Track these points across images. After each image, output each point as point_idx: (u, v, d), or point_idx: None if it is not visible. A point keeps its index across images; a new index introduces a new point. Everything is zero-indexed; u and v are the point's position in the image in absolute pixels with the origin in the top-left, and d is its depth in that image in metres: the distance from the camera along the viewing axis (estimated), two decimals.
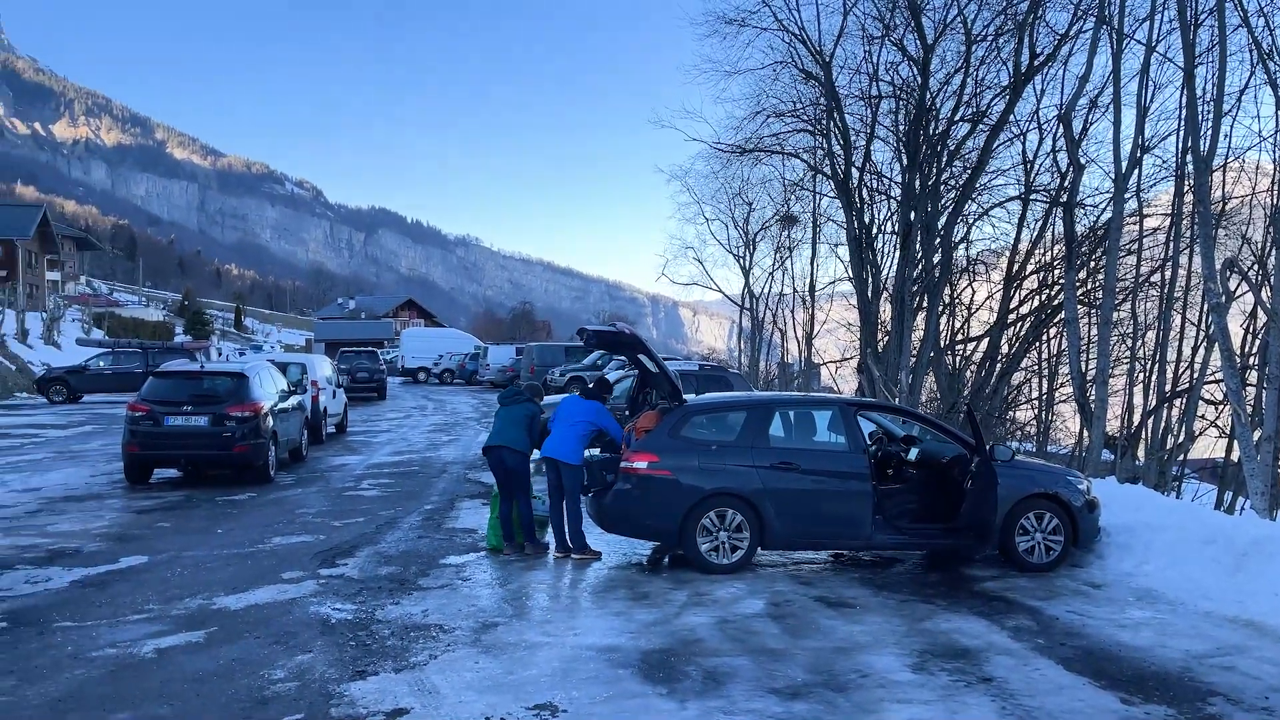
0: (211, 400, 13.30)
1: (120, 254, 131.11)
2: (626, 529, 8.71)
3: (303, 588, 7.73)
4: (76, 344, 40.57)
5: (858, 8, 21.71)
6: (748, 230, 37.85)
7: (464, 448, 18.81)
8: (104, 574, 8.16)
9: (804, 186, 30.75)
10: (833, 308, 35.15)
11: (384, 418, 26.37)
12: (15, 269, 54.86)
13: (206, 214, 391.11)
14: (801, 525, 8.46)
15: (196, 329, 70.16)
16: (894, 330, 22.14)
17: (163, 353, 31.84)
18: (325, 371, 20.64)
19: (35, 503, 11.77)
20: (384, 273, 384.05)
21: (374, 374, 34.62)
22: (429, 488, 13.56)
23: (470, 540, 9.78)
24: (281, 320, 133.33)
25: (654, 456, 8.35)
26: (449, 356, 49.48)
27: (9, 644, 6.20)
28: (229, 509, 11.55)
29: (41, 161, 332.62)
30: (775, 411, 9.01)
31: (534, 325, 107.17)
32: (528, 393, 9.61)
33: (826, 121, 23.31)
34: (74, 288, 75.63)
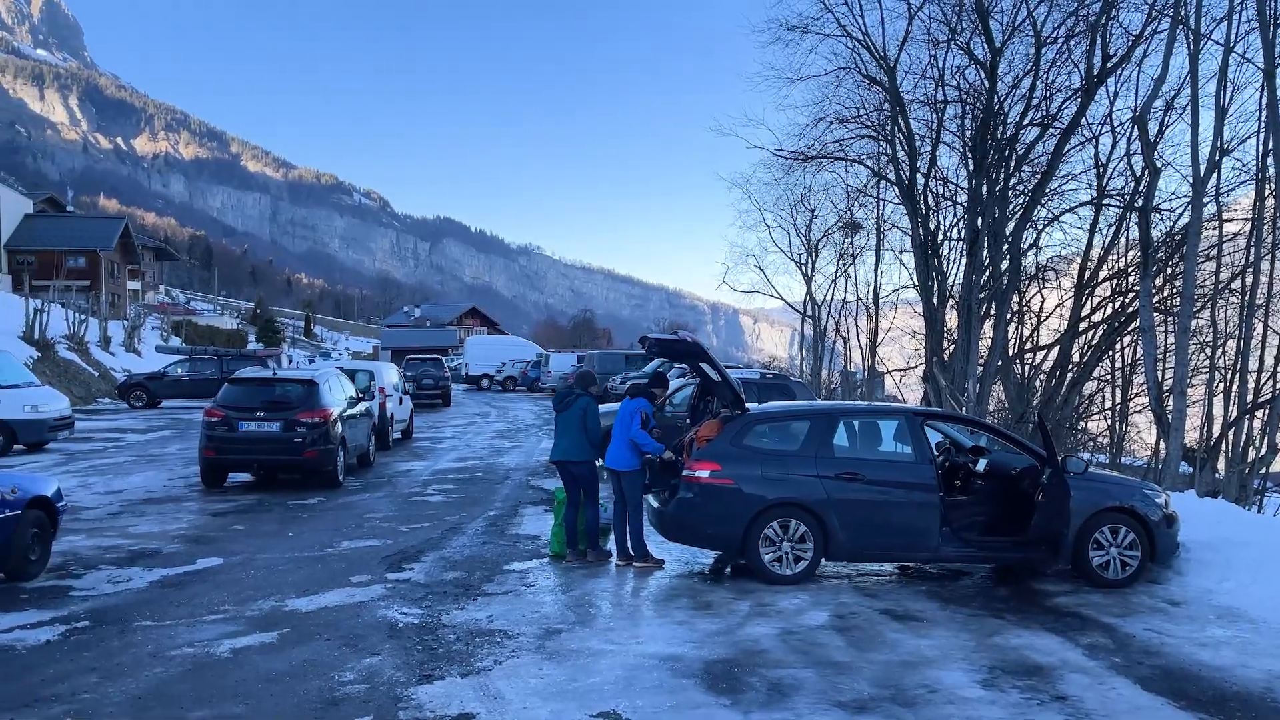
0: (283, 406, 13.63)
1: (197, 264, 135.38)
2: (688, 538, 8.69)
3: (370, 591, 7.88)
4: (156, 351, 42.03)
5: (923, 12, 21.45)
6: (810, 237, 37.62)
7: (526, 454, 18.97)
8: (182, 575, 8.42)
9: (867, 193, 30.44)
10: (897, 315, 34.66)
11: (448, 424, 26.74)
12: (98, 279, 57.00)
13: (278, 224, 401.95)
14: (867, 536, 8.35)
15: (268, 336, 72.03)
16: (960, 338, 21.75)
17: (236, 360, 32.80)
18: (392, 378, 21.01)
19: (117, 505, 12.20)
20: (448, 281, 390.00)
21: (439, 381, 35.14)
22: (492, 494, 13.71)
23: (533, 547, 9.86)
24: (349, 328, 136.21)
25: (716, 465, 8.32)
26: (511, 364, 50.03)
27: (92, 642, 6.44)
28: (299, 513, 11.82)
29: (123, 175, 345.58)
30: (840, 421, 8.91)
31: (595, 333, 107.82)
32: (578, 386, 9.49)
33: (891, 127, 23.05)
34: (153, 296, 78.29)
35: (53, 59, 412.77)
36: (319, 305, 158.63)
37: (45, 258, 55.05)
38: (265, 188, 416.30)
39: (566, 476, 9.23)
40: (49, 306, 34.22)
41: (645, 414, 8.84)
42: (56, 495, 8.63)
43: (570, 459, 9.15)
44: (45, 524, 8.36)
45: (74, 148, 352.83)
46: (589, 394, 9.38)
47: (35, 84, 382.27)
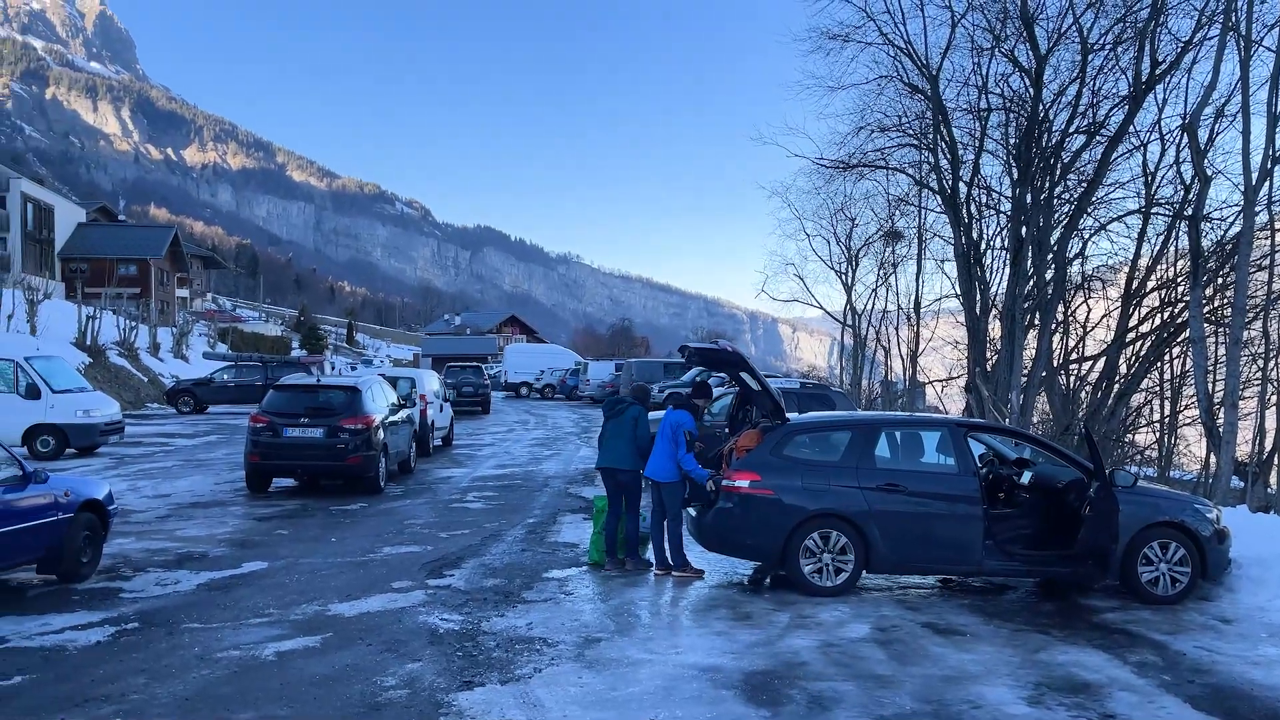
0: (327, 413, 13.81)
1: (243, 272, 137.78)
2: (727, 548, 8.66)
3: (411, 597, 7.95)
4: (203, 357, 42.79)
5: (966, 19, 21.27)
6: (850, 246, 37.40)
7: (565, 462, 19.04)
8: (227, 578, 8.56)
9: (909, 202, 30.25)
10: (938, 325, 34.34)
11: (488, 431, 26.92)
12: (149, 286, 58.29)
13: (322, 233, 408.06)
14: (908, 549, 8.26)
15: (311, 344, 73.07)
16: (1004, 349, 21.47)
17: (281, 366, 33.30)
18: (433, 386, 21.21)
19: (165, 508, 12.44)
20: (488, 289, 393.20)
21: (479, 389, 35.41)
22: (531, 501, 13.77)
23: (572, 555, 9.88)
24: (391, 335, 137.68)
25: (756, 475, 8.29)
26: (550, 372, 50.28)
27: (141, 643, 6.56)
28: (342, 518, 11.97)
29: (173, 185, 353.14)
30: (881, 431, 8.84)
31: (633, 341, 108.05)
32: (630, 396, 9.58)
33: (933, 135, 22.86)
34: (201, 304, 79.84)
35: (106, 72, 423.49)
36: (361, 313, 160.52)
37: (97, 266, 56.40)
38: (310, 197, 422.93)
39: (611, 484, 9.26)
40: (101, 313, 35.05)
41: (690, 434, 8.79)
42: (108, 498, 8.82)
43: (619, 466, 9.19)
44: (97, 527, 8.55)
45: (126, 158, 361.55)
46: (639, 405, 9.40)
47: (89, 96, 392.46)
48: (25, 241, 51.37)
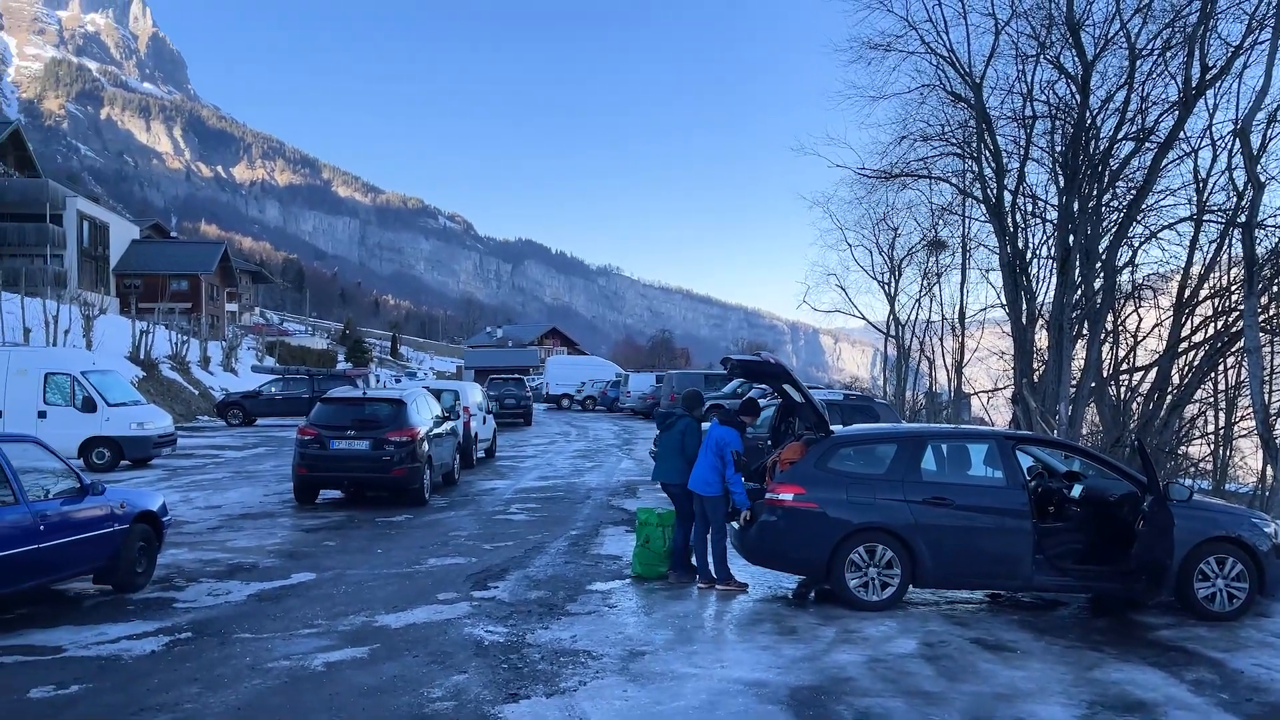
0: (372, 425, 13.97)
1: (289, 286, 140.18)
2: (771, 561, 8.60)
3: (457, 609, 8.00)
4: (251, 370, 43.61)
5: (1010, 26, 21.07)
6: (893, 256, 37.09)
7: (606, 474, 19.07)
8: (277, 589, 8.69)
9: (952, 211, 29.93)
10: (983, 335, 33.85)
11: (530, 443, 27.06)
12: (199, 301, 59.52)
13: (366, 247, 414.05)
14: (956, 563, 8.14)
15: (356, 356, 74.07)
16: (1051, 359, 21.13)
17: (327, 379, 33.82)
18: (476, 398, 21.38)
19: (216, 519, 12.67)
20: (529, 302, 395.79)
21: (521, 400, 35.61)
22: (574, 513, 13.80)
23: (615, 567, 9.89)
24: (434, 348, 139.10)
25: (800, 488, 8.23)
26: (591, 384, 50.43)
27: (194, 652, 6.69)
28: (387, 530, 12.09)
29: (223, 201, 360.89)
30: (927, 444, 8.74)
31: (673, 353, 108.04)
32: (683, 406, 9.47)
33: (977, 144, 22.62)
34: (249, 318, 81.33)
35: (158, 92, 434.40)
36: (405, 326, 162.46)
37: (151, 281, 57.75)
38: (354, 212, 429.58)
39: (669, 496, 9.27)
40: (154, 328, 35.87)
41: (738, 454, 8.71)
42: (162, 510, 9.01)
43: (669, 480, 9.24)
44: (151, 537, 8.74)
45: (178, 176, 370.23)
46: (692, 415, 9.34)
47: (142, 116, 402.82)
48: (81, 258, 52.73)
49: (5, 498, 7.09)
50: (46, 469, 7.82)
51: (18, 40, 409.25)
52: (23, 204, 49.58)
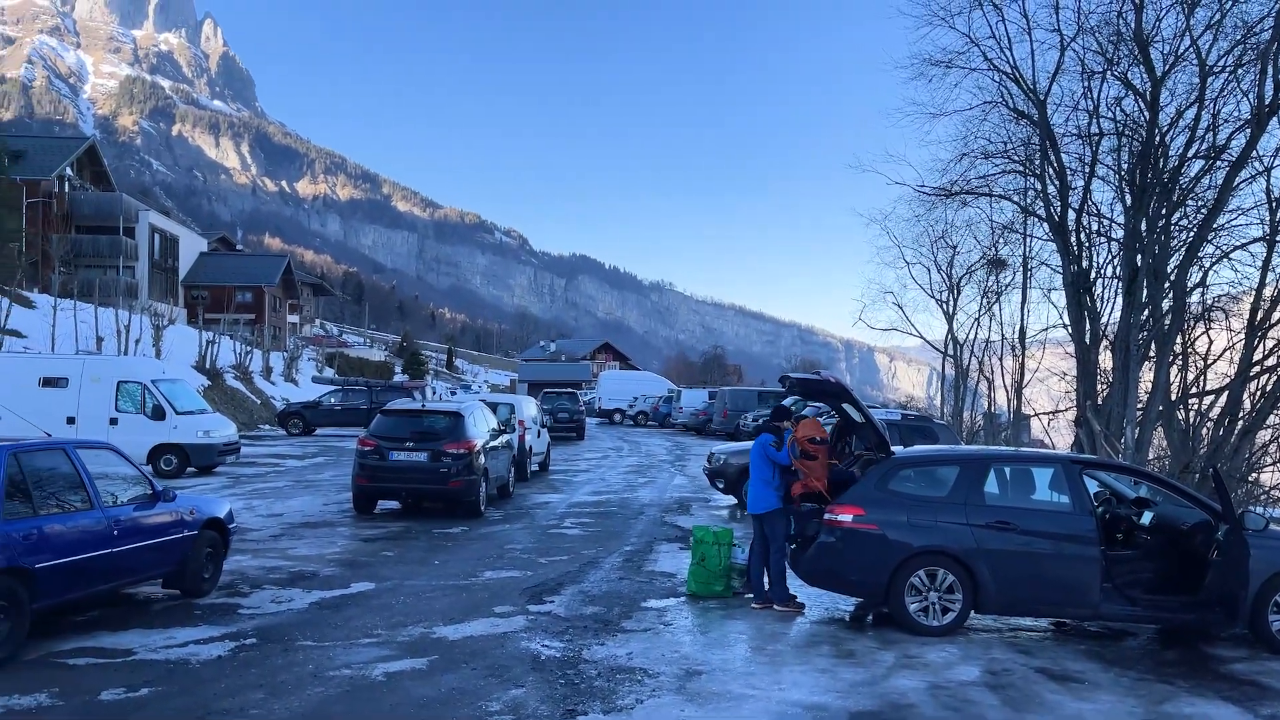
0: (430, 437, 14.15)
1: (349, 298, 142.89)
2: (829, 583, 8.51)
3: (513, 623, 8.04)
4: (312, 381, 44.45)
5: (1076, 42, 20.67)
6: (951, 274, 36.51)
7: (659, 490, 19.03)
8: (337, 598, 8.82)
9: (1014, 229, 29.36)
10: (1045, 356, 33.12)
11: (583, 457, 27.15)
12: (263, 312, 60.92)
13: (424, 261, 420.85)
14: (1020, 589, 7.97)
15: (413, 369, 75.06)
16: (1117, 382, 20.60)
17: (385, 391, 34.32)
18: (531, 412, 21.53)
19: (278, 527, 12.92)
20: (582, 316, 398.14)
21: (574, 415, 35.76)
22: (628, 529, 13.80)
23: (670, 584, 9.86)
24: (488, 361, 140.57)
25: (859, 509, 8.14)
26: (643, 399, 50.45)
27: (259, 659, 6.81)
28: (444, 541, 12.21)
29: (286, 215, 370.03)
30: (991, 467, 8.57)
31: (725, 369, 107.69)
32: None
33: (1040, 161, 22.22)
34: (310, 329, 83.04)
35: (227, 109, 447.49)
36: (460, 339, 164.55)
37: (217, 293, 59.29)
38: (413, 226, 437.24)
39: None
40: (219, 338, 36.80)
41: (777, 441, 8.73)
42: (228, 517, 9.23)
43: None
44: (218, 544, 8.94)
45: (244, 191, 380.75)
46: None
47: (211, 132, 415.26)
48: (152, 270, 54.34)
49: (81, 503, 7.32)
50: (120, 475, 8.05)
51: (94, 59, 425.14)
52: (98, 217, 51.31)
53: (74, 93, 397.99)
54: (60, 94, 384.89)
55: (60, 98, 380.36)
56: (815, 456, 8.70)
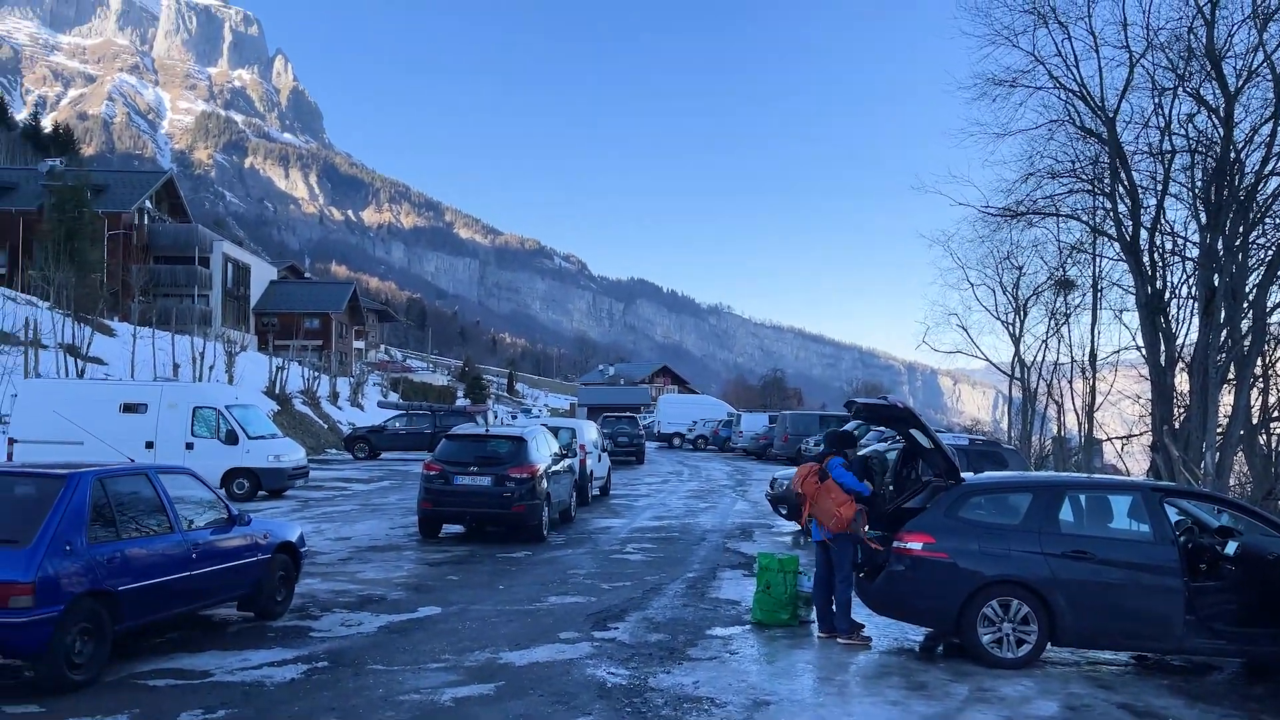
0: (494, 462, 14.28)
1: (412, 324, 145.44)
2: (897, 612, 8.35)
3: (578, 649, 8.04)
4: (377, 406, 45.20)
5: (1146, 59, 20.26)
6: (1018, 295, 35.77)
7: (721, 515, 18.91)
8: (405, 621, 8.93)
9: (1083, 249, 28.69)
10: (1117, 378, 32.23)
11: (643, 482, 27.12)
12: (330, 338, 62.32)
13: (485, 287, 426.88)
14: (1099, 621, 7.72)
15: (475, 393, 76.00)
16: (1195, 405, 19.95)
17: (448, 415, 34.75)
18: (592, 436, 21.60)
19: (346, 551, 13.13)
20: (640, 340, 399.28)
21: (634, 439, 35.76)
22: (690, 555, 13.73)
23: (734, 612, 9.77)
24: (548, 385, 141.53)
25: (929, 537, 7.98)
26: (703, 423, 50.23)
27: (330, 682, 6.92)
28: (508, 566, 12.29)
29: (352, 243, 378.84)
30: (1065, 494, 8.35)
31: (785, 392, 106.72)
32: (829, 443, 9.05)
33: (1110, 180, 21.75)
34: (374, 355, 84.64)
35: (296, 141, 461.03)
36: (520, 363, 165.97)
37: (286, 320, 60.85)
38: (474, 253, 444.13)
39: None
40: (288, 364, 37.70)
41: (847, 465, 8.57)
42: (300, 540, 9.41)
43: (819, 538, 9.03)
44: (290, 567, 9.13)
45: (311, 220, 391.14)
46: (842, 454, 8.86)
47: (281, 164, 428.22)
48: (225, 298, 56.06)
49: (162, 527, 7.54)
50: (198, 499, 8.27)
51: (172, 95, 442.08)
52: (175, 248, 53.16)
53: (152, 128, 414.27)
54: (139, 130, 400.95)
55: (139, 133, 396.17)
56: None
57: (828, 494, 8.45)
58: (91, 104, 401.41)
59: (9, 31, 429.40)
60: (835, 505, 8.40)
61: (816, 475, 8.61)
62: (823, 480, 8.54)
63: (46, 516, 6.53)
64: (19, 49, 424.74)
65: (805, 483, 8.66)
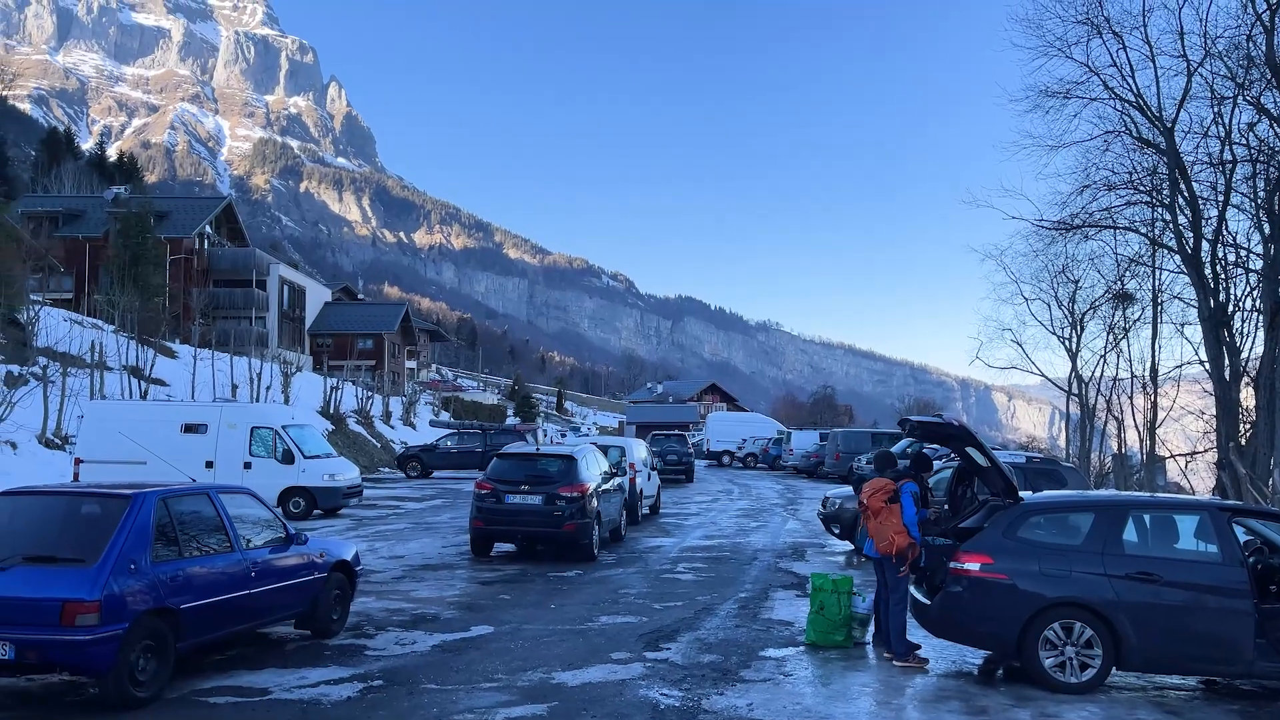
0: (545, 481, 14.32)
1: (463, 343, 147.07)
2: (956, 634, 8.19)
3: (631, 669, 8.01)
4: (429, 425, 45.72)
5: (1204, 68, 19.89)
6: (1074, 310, 35.10)
7: (772, 535, 18.75)
8: (458, 641, 8.97)
9: (1141, 262, 28.14)
10: (1179, 393, 31.42)
11: (693, 500, 27.01)
12: (382, 359, 63.20)
13: (534, 306, 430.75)
14: (1165, 645, 7.49)
15: (524, 411, 76.56)
16: (1261, 421, 19.37)
17: (499, 434, 34.98)
18: (641, 454, 21.58)
19: (400, 569, 13.26)
20: (688, 358, 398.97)
21: (683, 457, 35.64)
22: (741, 575, 13.62)
23: (788, 633, 9.66)
24: (596, 403, 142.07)
25: (988, 558, 7.82)
26: (752, 441, 49.91)
27: (386, 701, 6.97)
28: (559, 585, 12.30)
29: (404, 265, 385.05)
30: (1129, 514, 8.13)
31: (835, 409, 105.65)
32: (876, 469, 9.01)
33: (1170, 191, 21.30)
34: (426, 374, 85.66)
35: (350, 165, 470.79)
36: (569, 382, 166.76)
37: (340, 340, 61.88)
38: (523, 273, 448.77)
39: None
40: (342, 384, 38.34)
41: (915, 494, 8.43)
42: (355, 559, 9.53)
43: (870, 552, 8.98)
44: (345, 586, 9.23)
45: (364, 242, 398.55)
46: (919, 478, 8.82)
47: (335, 188, 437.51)
48: (281, 319, 57.22)
49: (222, 545, 7.69)
50: (257, 518, 8.42)
51: (231, 123, 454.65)
52: (233, 271, 54.46)
53: (212, 155, 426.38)
54: (200, 157, 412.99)
55: (200, 160, 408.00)
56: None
57: (891, 516, 8.35)
58: (154, 133, 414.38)
59: (76, 64, 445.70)
60: (892, 530, 8.31)
61: (888, 495, 8.48)
62: (891, 502, 8.44)
63: (112, 536, 6.69)
64: (86, 81, 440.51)
65: (874, 497, 8.55)
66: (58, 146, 75.91)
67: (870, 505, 8.56)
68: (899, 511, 8.35)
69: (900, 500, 8.41)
